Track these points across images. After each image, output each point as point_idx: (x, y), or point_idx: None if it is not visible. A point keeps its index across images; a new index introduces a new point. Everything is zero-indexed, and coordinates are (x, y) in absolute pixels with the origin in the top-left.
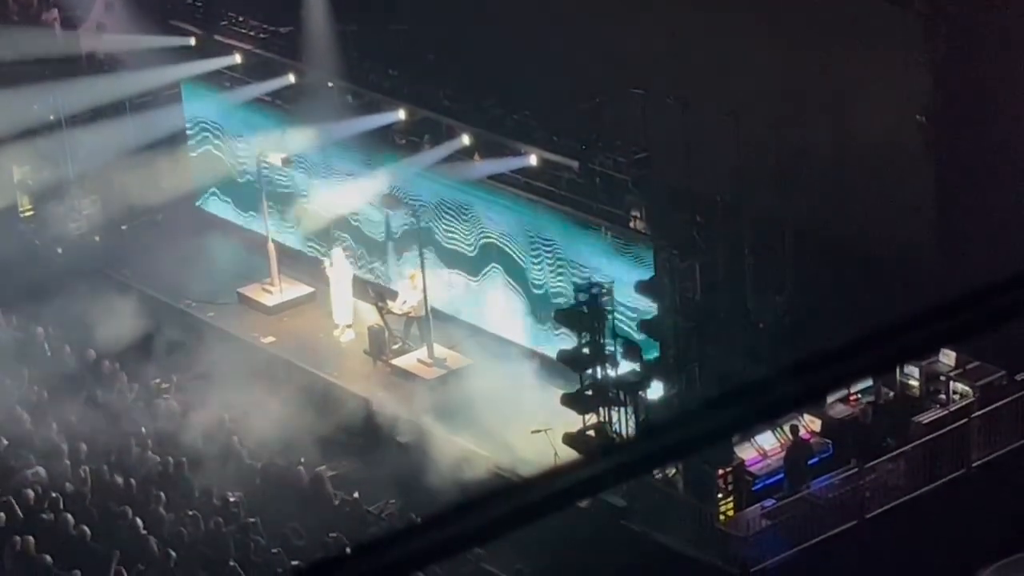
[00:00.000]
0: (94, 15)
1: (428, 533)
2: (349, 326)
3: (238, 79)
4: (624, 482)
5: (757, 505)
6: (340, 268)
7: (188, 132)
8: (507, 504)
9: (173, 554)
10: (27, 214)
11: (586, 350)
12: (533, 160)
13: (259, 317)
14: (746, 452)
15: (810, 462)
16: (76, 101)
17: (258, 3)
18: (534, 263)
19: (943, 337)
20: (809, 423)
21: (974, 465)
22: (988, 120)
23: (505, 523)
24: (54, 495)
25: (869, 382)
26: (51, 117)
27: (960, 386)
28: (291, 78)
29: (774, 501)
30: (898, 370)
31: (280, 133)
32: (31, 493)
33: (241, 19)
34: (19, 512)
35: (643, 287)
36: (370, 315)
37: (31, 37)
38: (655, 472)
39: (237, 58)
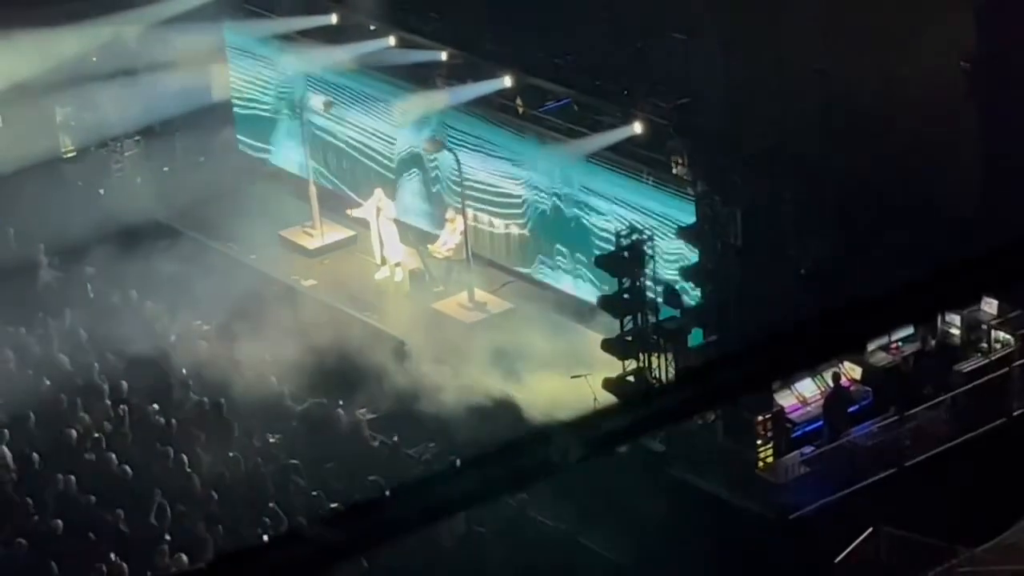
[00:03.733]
0: None
1: (467, 476)
2: (398, 264)
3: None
4: (663, 428)
5: (796, 452)
6: (385, 206)
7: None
8: (546, 449)
9: (215, 495)
10: (69, 155)
11: (626, 296)
12: (575, 107)
13: (300, 260)
14: (786, 399)
15: (850, 410)
16: (119, 54)
17: None
18: (577, 209)
19: (984, 285)
20: (849, 371)
21: (1015, 414)
22: None
23: (544, 468)
24: (96, 435)
25: (910, 330)
26: (93, 59)
27: (1001, 335)
28: (334, 19)
29: (813, 448)
30: (939, 318)
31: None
32: (73, 433)
33: None
34: (62, 452)
35: (684, 233)
36: (410, 258)
37: None
38: (694, 418)
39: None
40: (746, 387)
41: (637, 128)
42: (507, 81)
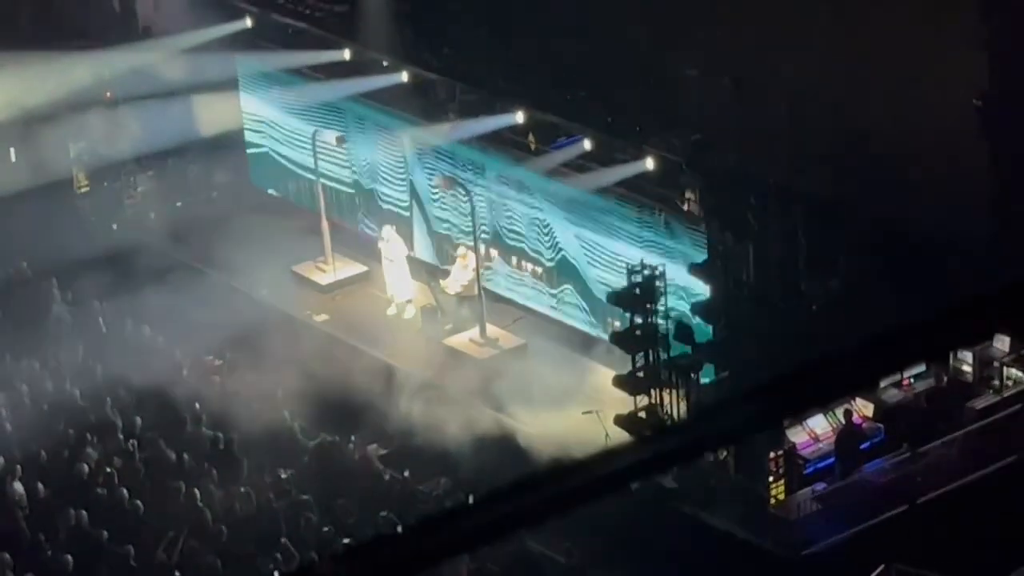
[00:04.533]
0: None
1: (479, 513)
2: (409, 301)
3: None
4: (675, 465)
5: (808, 489)
6: (394, 244)
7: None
8: (558, 485)
9: (226, 530)
10: (83, 190)
11: (638, 332)
12: (587, 144)
13: (312, 295)
14: (798, 435)
15: (862, 446)
16: (132, 85)
17: None
18: (590, 245)
19: (997, 323)
20: (861, 407)
21: None
22: None
23: (556, 504)
24: (108, 470)
25: (922, 367)
26: (107, 95)
27: (1014, 372)
28: (346, 54)
29: (825, 485)
30: (951, 355)
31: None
32: (85, 468)
33: None
34: (74, 486)
35: (696, 269)
36: (422, 294)
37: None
38: (706, 455)
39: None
40: (759, 424)
41: (649, 164)
42: (519, 117)
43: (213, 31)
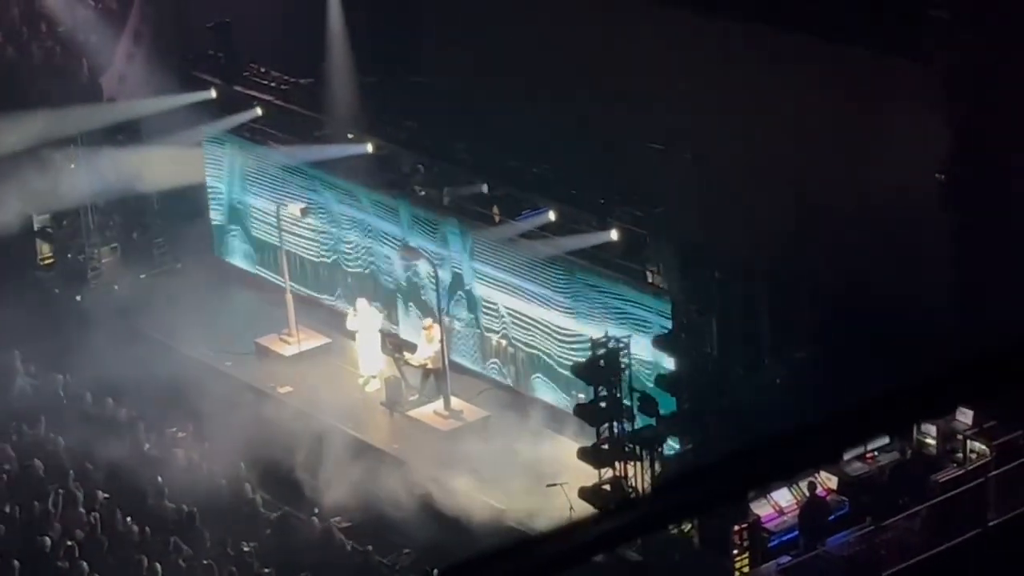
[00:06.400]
0: (116, 65)
1: None
2: (374, 376)
3: (259, 131)
4: (640, 537)
5: (773, 562)
6: (365, 318)
7: (210, 198)
8: (523, 559)
9: None
10: (47, 263)
11: (603, 404)
12: (552, 215)
13: (276, 367)
14: (762, 508)
15: (826, 519)
16: (98, 166)
17: (279, 54)
18: (552, 313)
19: (960, 396)
20: (825, 480)
21: (990, 524)
22: (1007, 179)
23: None
24: (69, 543)
25: (886, 440)
26: (71, 166)
27: (977, 445)
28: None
29: (790, 558)
30: (915, 428)
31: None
32: (48, 540)
33: (263, 70)
34: (36, 559)
35: (660, 342)
36: (388, 366)
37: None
38: (671, 527)
39: (258, 111)
40: (723, 497)
41: (614, 235)
42: (483, 188)
43: (181, 98)
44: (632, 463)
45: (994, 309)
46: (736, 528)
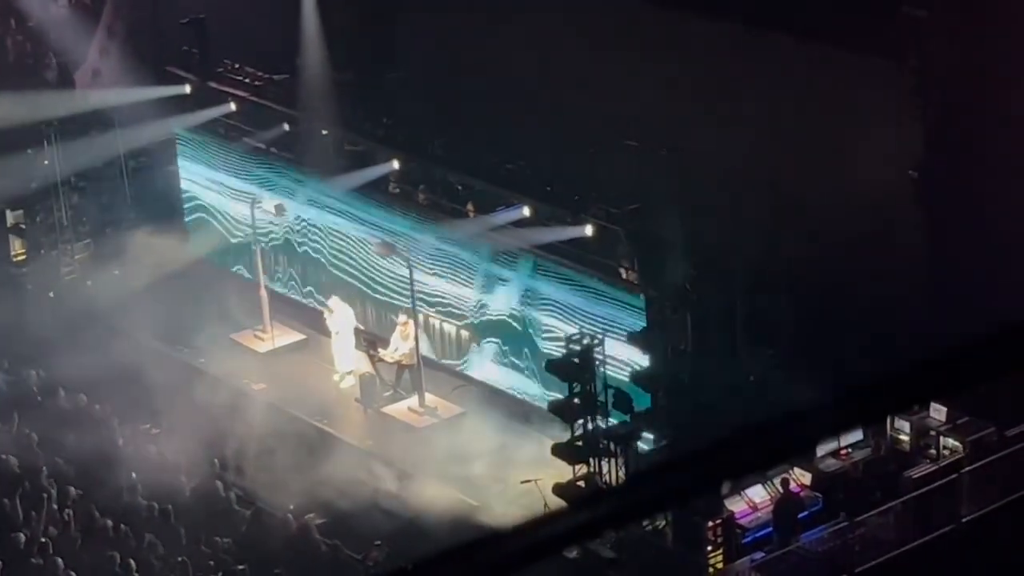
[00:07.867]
0: (89, 61)
1: None
2: (350, 373)
3: (233, 127)
4: (612, 530)
5: (746, 558)
6: (340, 315)
7: (183, 194)
8: (495, 552)
9: None
10: (19, 259)
11: (577, 400)
12: (527, 211)
13: (251, 363)
14: (736, 504)
15: (800, 516)
16: (71, 156)
17: (254, 50)
18: (529, 312)
19: (933, 391)
20: (799, 476)
21: (964, 520)
22: (980, 176)
23: (492, 571)
24: (43, 540)
25: (859, 436)
26: (45, 162)
27: (950, 441)
28: (285, 127)
29: (763, 554)
30: (888, 424)
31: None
32: (21, 537)
33: (237, 66)
34: (9, 556)
35: (634, 338)
36: (362, 363)
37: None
38: (644, 524)
39: (232, 106)
40: (696, 492)
41: (588, 231)
42: (458, 188)
43: (155, 91)
44: (606, 459)
45: (967, 304)
46: (710, 524)
